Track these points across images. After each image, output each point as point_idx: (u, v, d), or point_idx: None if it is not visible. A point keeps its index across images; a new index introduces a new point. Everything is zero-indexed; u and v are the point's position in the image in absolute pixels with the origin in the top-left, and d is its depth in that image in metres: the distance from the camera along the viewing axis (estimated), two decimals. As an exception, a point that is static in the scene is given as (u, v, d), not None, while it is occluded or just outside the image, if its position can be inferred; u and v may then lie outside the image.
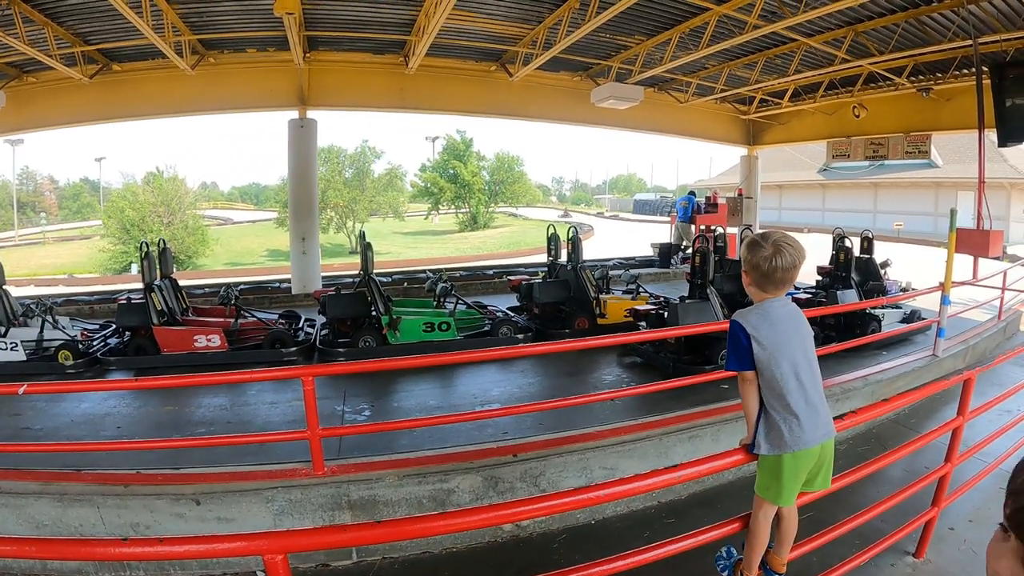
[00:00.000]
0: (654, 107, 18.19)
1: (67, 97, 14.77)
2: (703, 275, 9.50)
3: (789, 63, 14.71)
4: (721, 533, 3.26)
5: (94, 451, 6.15)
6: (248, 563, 5.00)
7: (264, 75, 14.95)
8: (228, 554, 2.38)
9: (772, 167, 41.50)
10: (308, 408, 5.00)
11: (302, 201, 15.67)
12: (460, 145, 59.93)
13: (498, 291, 15.15)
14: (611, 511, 5.66)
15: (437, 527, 2.82)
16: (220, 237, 48.36)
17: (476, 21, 12.83)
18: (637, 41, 14.04)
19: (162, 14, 11.44)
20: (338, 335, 10.44)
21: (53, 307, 10.90)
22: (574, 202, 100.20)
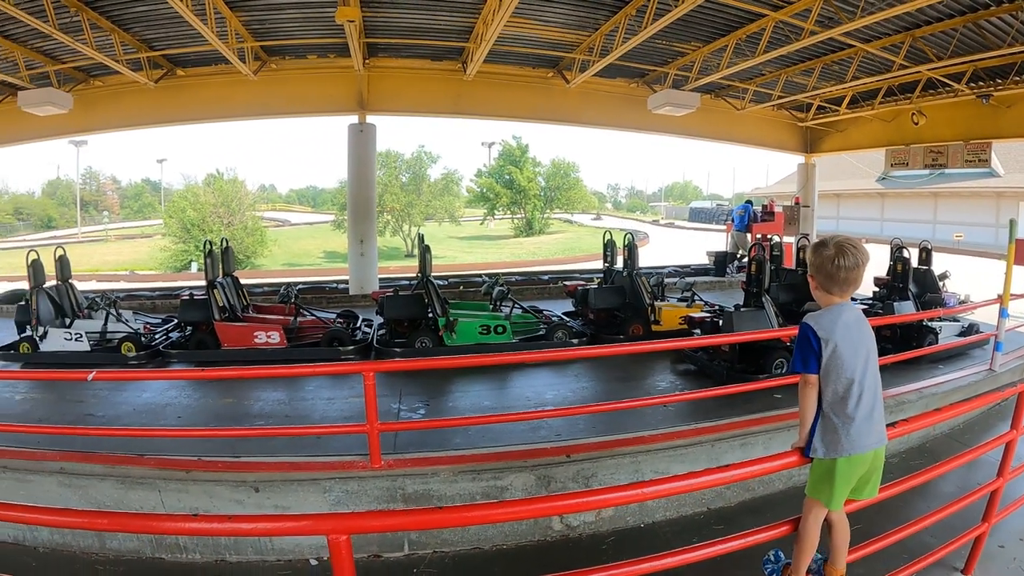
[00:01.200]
0: (710, 114, 18.04)
1: (132, 100, 15.31)
2: (759, 284, 9.40)
3: (846, 69, 14.48)
4: (769, 536, 3.25)
5: (156, 437, 6.34)
6: (302, 551, 5.14)
7: (324, 81, 15.27)
8: (294, 533, 2.48)
9: (830, 175, 40.74)
10: (368, 402, 5.12)
11: (361, 204, 15.95)
12: (516, 151, 60.15)
13: (553, 296, 15.16)
14: (660, 516, 5.68)
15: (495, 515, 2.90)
16: (278, 238, 49.38)
17: (533, 28, 12.91)
18: (693, 47, 13.99)
19: (226, 21, 11.82)
20: (395, 335, 10.58)
21: (117, 301, 11.27)
22: (629, 209, 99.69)
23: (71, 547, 5.40)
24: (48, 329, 10.36)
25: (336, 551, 2.44)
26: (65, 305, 10.90)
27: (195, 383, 8.79)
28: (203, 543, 5.18)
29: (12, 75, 13.27)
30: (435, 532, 5.18)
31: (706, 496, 5.83)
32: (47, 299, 10.66)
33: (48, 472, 5.54)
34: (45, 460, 5.71)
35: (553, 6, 11.96)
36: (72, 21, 10.95)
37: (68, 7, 10.62)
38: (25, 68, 13.23)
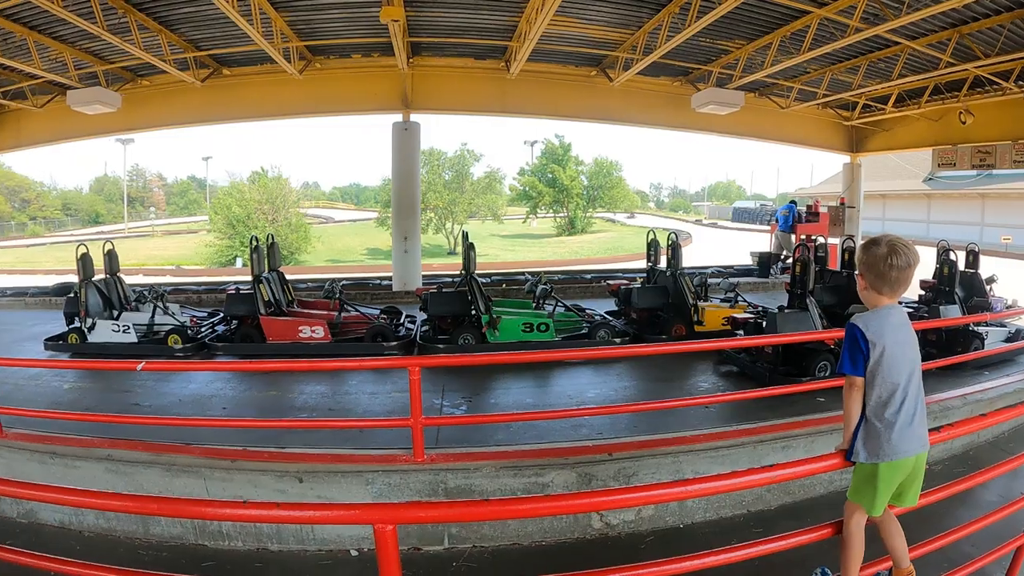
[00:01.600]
0: (755, 113, 17.83)
1: (179, 99, 15.69)
2: (803, 285, 9.31)
3: (892, 67, 14.21)
4: (810, 538, 3.21)
5: (201, 427, 6.47)
6: (343, 541, 5.20)
7: (369, 79, 15.43)
8: (340, 521, 2.52)
9: (875, 176, 40.13)
10: (413, 396, 5.18)
11: (405, 201, 16.10)
12: (558, 149, 60.09)
13: (596, 295, 15.14)
14: (700, 517, 5.64)
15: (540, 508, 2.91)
16: (322, 235, 50.03)
17: (577, 26, 12.89)
18: (737, 45, 13.86)
19: (271, 21, 12.00)
20: (438, 332, 10.66)
21: (164, 294, 11.52)
22: (672, 208, 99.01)
23: (115, 532, 5.53)
24: (96, 321, 10.63)
25: (382, 541, 2.46)
26: (113, 298, 11.18)
27: (240, 375, 8.96)
28: (246, 531, 5.27)
29: (61, 75, 13.66)
30: (475, 527, 5.21)
31: (746, 498, 5.77)
32: (96, 292, 10.94)
33: (96, 459, 5.70)
34: (93, 447, 5.88)
35: (596, 4, 11.94)
36: (120, 22, 11.24)
37: (116, 9, 10.87)
38: (74, 68, 13.61)
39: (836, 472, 5.86)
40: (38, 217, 72.37)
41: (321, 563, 5.11)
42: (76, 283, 11.01)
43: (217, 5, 9.92)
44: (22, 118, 16.69)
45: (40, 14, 10.99)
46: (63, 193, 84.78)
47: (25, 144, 17.56)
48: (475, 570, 4.98)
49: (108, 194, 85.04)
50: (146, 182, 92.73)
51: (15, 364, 8.90)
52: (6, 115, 16.78)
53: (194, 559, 5.18)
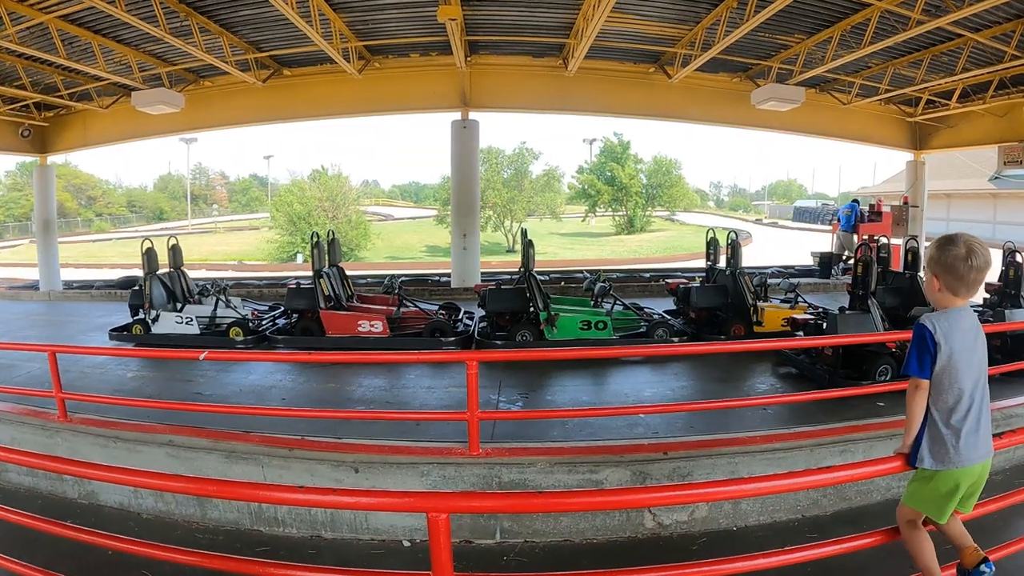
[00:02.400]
0: (815, 109, 17.48)
1: (240, 99, 16.14)
2: (864, 286, 9.10)
3: (956, 61, 13.77)
4: (866, 543, 3.17)
5: (260, 416, 6.65)
6: (396, 531, 5.28)
7: (427, 78, 15.60)
8: (395, 508, 2.58)
9: (940, 174, 39.04)
10: (470, 390, 5.25)
11: (464, 199, 16.23)
12: (617, 147, 59.65)
13: (654, 294, 15.00)
14: (753, 520, 5.57)
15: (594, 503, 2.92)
16: (381, 232, 50.66)
17: (634, 23, 12.83)
18: (797, 40, 13.60)
19: (330, 23, 12.25)
20: (496, 328, 10.70)
21: (227, 288, 11.82)
22: (732, 207, 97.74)
23: (173, 515, 5.72)
24: (160, 313, 10.99)
25: (435, 529, 2.50)
26: (177, 291, 11.54)
27: (299, 368, 9.17)
28: (300, 518, 5.40)
29: (126, 76, 14.15)
30: (527, 522, 5.23)
31: (801, 503, 5.68)
32: (160, 285, 11.31)
33: (157, 444, 5.92)
34: (155, 433, 6.10)
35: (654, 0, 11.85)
36: (182, 25, 11.55)
37: (178, 12, 11.19)
38: (138, 70, 14.08)
39: (894, 479, 5.80)
40: (104, 214, 74.58)
41: (373, 552, 5.19)
42: (141, 276, 11.35)
43: (277, 7, 10.14)
44: (88, 119, 17.36)
45: (104, 18, 11.40)
46: (128, 191, 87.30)
47: (91, 144, 18.28)
48: (525, 565, 4.99)
49: (172, 192, 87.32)
50: (209, 180, 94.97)
51: (82, 352, 9.24)
52: (72, 116, 17.47)
53: (249, 543, 5.32)
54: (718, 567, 2.91)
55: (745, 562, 2.90)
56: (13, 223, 63.52)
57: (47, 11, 10.78)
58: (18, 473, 6.57)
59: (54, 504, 6.06)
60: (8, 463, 6.26)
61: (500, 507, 3.49)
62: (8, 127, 17.36)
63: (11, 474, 6.64)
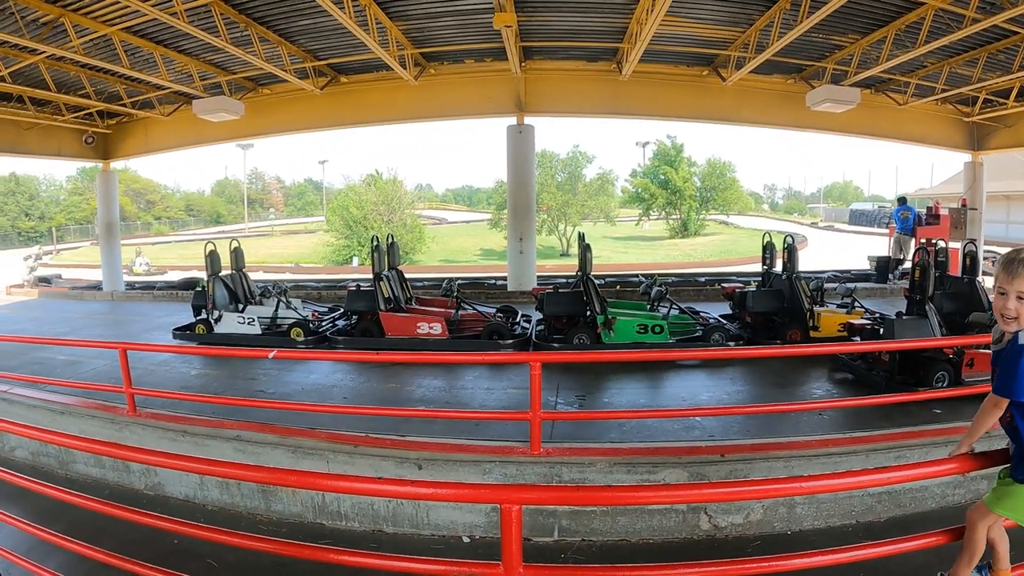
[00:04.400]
0: (871, 110, 17.23)
1: (298, 106, 16.54)
2: (922, 291, 8.99)
3: (1013, 58, 13.42)
4: (920, 544, 3.15)
5: (324, 413, 6.84)
6: (456, 528, 5.48)
7: (482, 84, 15.78)
8: (471, 499, 2.72)
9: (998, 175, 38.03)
10: (533, 390, 5.39)
11: (520, 203, 16.33)
12: (671, 151, 59.25)
13: (710, 298, 14.97)
14: (808, 524, 5.63)
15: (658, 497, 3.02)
16: (435, 235, 51.03)
17: (687, 26, 12.83)
18: (851, 40, 13.45)
19: (386, 31, 12.49)
20: (553, 331, 10.80)
21: (287, 290, 12.11)
22: (787, 210, 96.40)
23: (237, 507, 5.99)
24: (223, 313, 11.32)
25: (507, 520, 2.62)
26: (239, 292, 11.89)
27: (359, 368, 9.39)
28: (363, 512, 5.62)
29: (187, 85, 14.62)
30: (585, 520, 5.36)
31: (856, 508, 5.72)
32: (222, 286, 11.67)
33: (225, 439, 6.19)
34: (223, 428, 6.36)
35: (706, 3, 11.88)
36: (242, 35, 11.93)
37: (238, 23, 11.55)
38: (199, 79, 14.57)
39: (949, 486, 5.79)
40: (163, 217, 76.50)
41: (434, 547, 5.37)
42: (202, 278, 11.70)
43: (335, 17, 10.40)
44: (149, 126, 17.99)
45: (166, 30, 11.84)
46: (186, 195, 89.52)
47: (152, 150, 18.96)
48: (583, 562, 5.12)
49: (229, 196, 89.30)
50: (265, 184, 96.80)
51: (149, 349, 9.62)
52: (134, 123, 18.10)
53: (311, 536, 5.55)
54: (770, 563, 2.96)
55: (798, 560, 2.94)
56: (75, 226, 65.57)
57: (111, 23, 11.23)
58: (86, 464, 6.91)
59: (121, 494, 6.39)
60: (77, 451, 6.57)
61: (569, 499, 3.62)
62: (73, 134, 18.07)
63: (79, 465, 6.99)
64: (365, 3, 11.09)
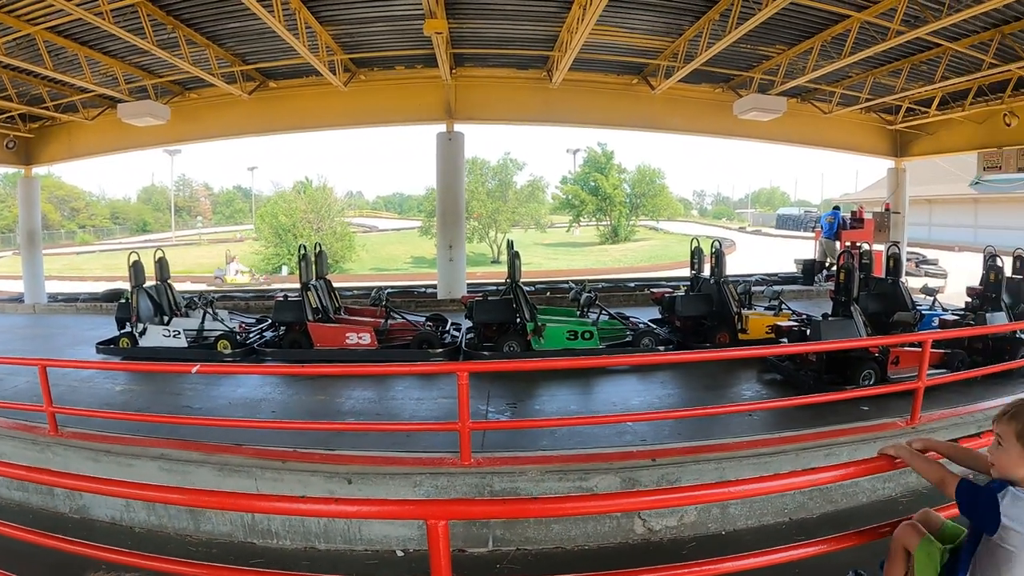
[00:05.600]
0: (797, 118, 17.69)
1: (226, 111, 16.15)
2: (847, 293, 9.22)
3: (935, 69, 13.99)
4: (848, 544, 3.20)
5: (252, 428, 6.68)
6: (389, 542, 5.37)
7: (413, 91, 15.67)
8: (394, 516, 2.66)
9: (921, 180, 39.36)
10: (461, 401, 5.32)
11: (449, 210, 16.27)
12: (601, 158, 59.92)
13: (640, 303, 15.10)
14: (742, 524, 5.69)
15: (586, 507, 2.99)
16: (366, 243, 50.65)
17: (618, 35, 12.97)
18: (778, 51, 13.79)
19: (316, 35, 12.32)
20: (483, 339, 10.76)
21: (213, 301, 11.84)
22: (715, 216, 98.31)
23: (166, 528, 5.77)
24: (148, 326, 10.97)
25: (433, 536, 2.59)
26: (164, 304, 11.54)
27: (288, 380, 9.19)
28: (294, 529, 5.46)
29: (112, 88, 14.17)
30: (519, 529, 5.31)
31: (788, 506, 5.80)
32: (147, 298, 11.31)
33: (150, 457, 5.97)
34: (147, 446, 6.15)
35: (637, 13, 11.98)
36: (169, 37, 11.60)
37: (165, 25, 11.22)
38: (124, 82, 14.10)
39: (879, 481, 5.91)
40: (87, 226, 74.21)
41: (368, 562, 5.25)
42: (127, 289, 11.34)
43: (264, 20, 10.20)
44: (73, 130, 17.31)
45: (91, 30, 11.43)
46: (111, 202, 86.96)
47: (76, 155, 18.21)
48: (518, 572, 5.07)
49: (155, 203, 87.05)
50: (192, 192, 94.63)
51: (71, 366, 9.21)
52: (58, 127, 17.41)
53: (243, 556, 5.38)
54: (707, 568, 2.97)
55: (733, 562, 2.97)
56: (-6, 234, 63.08)
57: (34, 23, 10.81)
58: (8, 488, 6.58)
59: (45, 519, 6.07)
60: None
61: (496, 512, 3.57)
62: (-8, 139, 17.30)
63: (1, 488, 6.65)
64: (295, 6, 10.90)
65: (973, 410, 7.19)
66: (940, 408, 7.19)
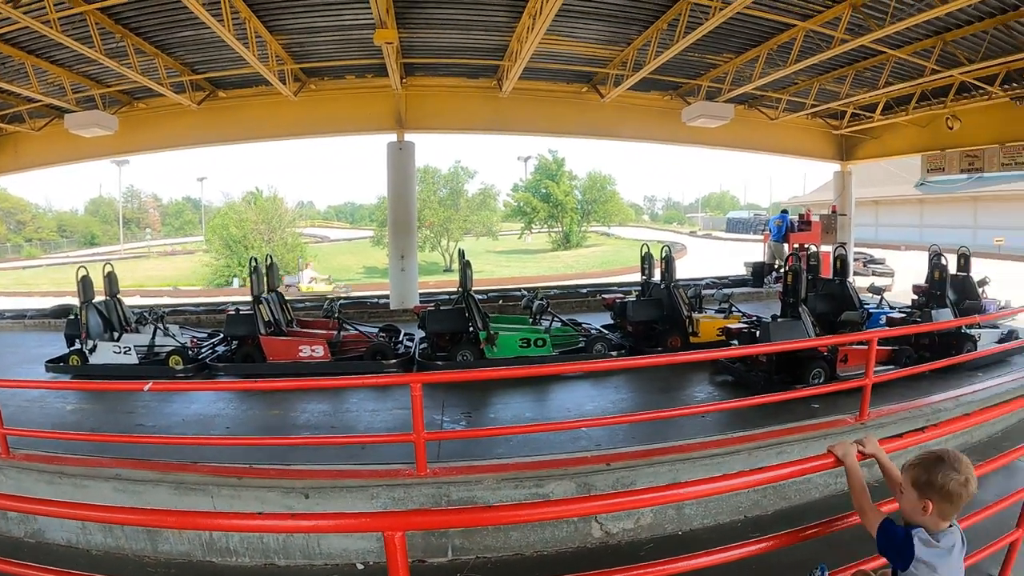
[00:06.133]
0: (745, 124, 18.09)
1: (175, 122, 15.86)
2: (795, 294, 9.43)
3: (879, 75, 14.43)
4: (801, 538, 3.27)
5: (207, 446, 6.61)
6: (349, 555, 5.34)
7: (363, 100, 15.62)
8: (352, 529, 2.67)
9: (868, 183, 40.42)
10: (415, 412, 5.33)
11: (401, 220, 16.23)
12: (552, 165, 60.45)
13: (592, 309, 15.26)
14: (698, 523, 5.79)
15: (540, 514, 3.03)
16: (317, 254, 50.21)
17: (567, 44, 13.11)
18: (726, 59, 14.08)
19: (266, 45, 12.20)
20: (436, 349, 10.75)
21: (164, 315, 11.63)
22: (666, 220, 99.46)
23: (123, 550, 5.66)
24: (97, 343, 10.70)
25: (391, 548, 2.59)
26: (114, 319, 11.26)
27: (242, 396, 9.06)
28: (253, 547, 5.40)
29: (59, 98, 13.84)
30: (478, 538, 5.34)
31: (743, 504, 5.92)
32: (96, 314, 11.02)
33: (104, 478, 5.84)
34: (101, 467, 6.02)
35: (586, 22, 12.13)
36: (118, 46, 11.41)
37: (114, 33, 11.05)
38: (72, 92, 13.80)
39: (831, 476, 6.05)
40: (34, 239, 72.56)
41: (328, 577, 5.23)
42: (76, 305, 11.10)
43: (213, 29, 10.10)
44: (20, 141, 16.86)
45: (38, 39, 11.19)
46: (58, 215, 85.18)
47: (23, 167, 17.72)
48: (479, 579, 5.10)
49: (103, 215, 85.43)
50: (141, 203, 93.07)
51: (20, 386, 8.99)
52: (3, 138, 16.95)
53: (202, 575, 5.30)
54: (663, 567, 3.02)
55: (688, 561, 3.01)
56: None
57: (-22, 30, 10.58)
58: (-40, 513, 6.42)
59: (1, 543, 5.94)
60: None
61: (453, 522, 3.59)
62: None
63: (-47, 514, 6.49)
64: (245, 16, 10.82)
65: (920, 404, 7.44)
66: (889, 404, 7.41)
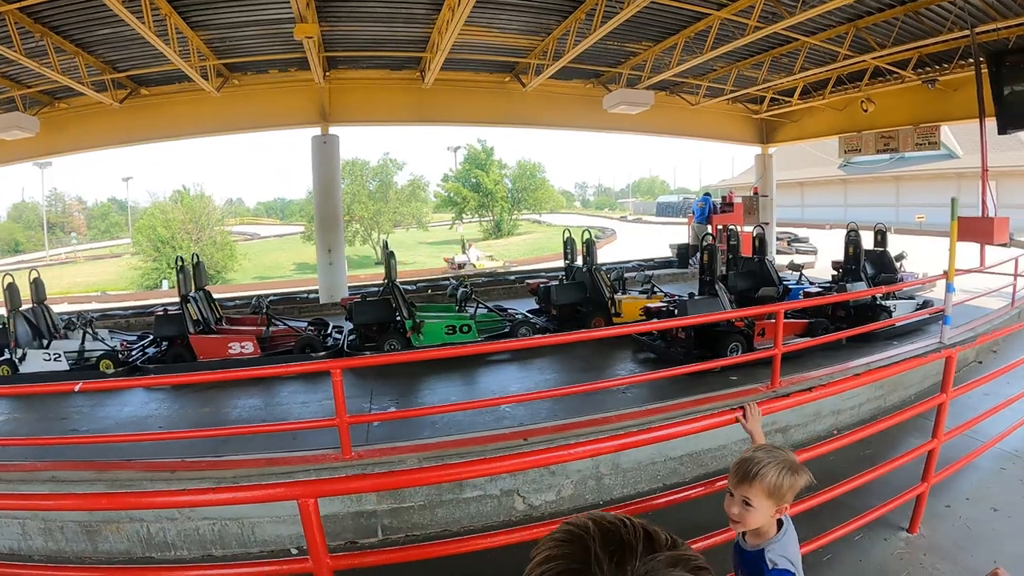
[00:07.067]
0: (666, 110, 18.55)
1: (98, 121, 15.49)
2: (711, 272, 9.89)
3: (795, 61, 15.01)
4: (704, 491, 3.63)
5: (141, 443, 6.71)
6: (283, 541, 5.50)
7: (286, 95, 15.55)
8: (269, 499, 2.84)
9: (793, 164, 41.61)
10: (336, 397, 5.53)
11: (327, 214, 16.25)
12: (481, 154, 60.39)
13: (519, 295, 15.59)
14: (618, 492, 6.10)
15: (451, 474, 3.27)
16: (248, 252, 49.40)
17: (487, 35, 13.29)
18: (644, 47, 14.43)
19: (188, 41, 12.06)
20: (365, 340, 10.92)
21: (92, 320, 11.51)
22: (597, 206, 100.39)
23: (64, 552, 5.71)
24: (27, 351, 10.56)
25: (306, 513, 2.78)
26: (42, 327, 11.11)
27: (174, 395, 9.10)
28: (190, 539, 5.52)
29: (-24, 101, 13.44)
30: (405, 517, 5.56)
31: (660, 472, 6.22)
32: (24, 322, 10.86)
33: (40, 481, 5.87)
34: (37, 471, 6.05)
35: (505, 13, 12.33)
36: (37, 45, 11.14)
37: (33, 32, 10.81)
38: (-10, 93, 13.42)
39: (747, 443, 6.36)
40: (-46, 248, 70.06)
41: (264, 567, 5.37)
42: (2, 314, 10.95)
43: (133, 26, 9.97)
44: (-64, 146, 16.36)
45: (-46, 39, 10.89)
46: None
47: (-62, 173, 17.19)
48: (408, 559, 5.30)
49: (27, 221, 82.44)
50: (66, 206, 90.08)
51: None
52: (-82, 143, 16.42)
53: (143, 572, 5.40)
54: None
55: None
56: None
57: None
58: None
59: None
60: None
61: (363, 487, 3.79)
62: None
63: None
64: (165, 12, 10.68)
65: (831, 371, 7.92)
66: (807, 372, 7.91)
